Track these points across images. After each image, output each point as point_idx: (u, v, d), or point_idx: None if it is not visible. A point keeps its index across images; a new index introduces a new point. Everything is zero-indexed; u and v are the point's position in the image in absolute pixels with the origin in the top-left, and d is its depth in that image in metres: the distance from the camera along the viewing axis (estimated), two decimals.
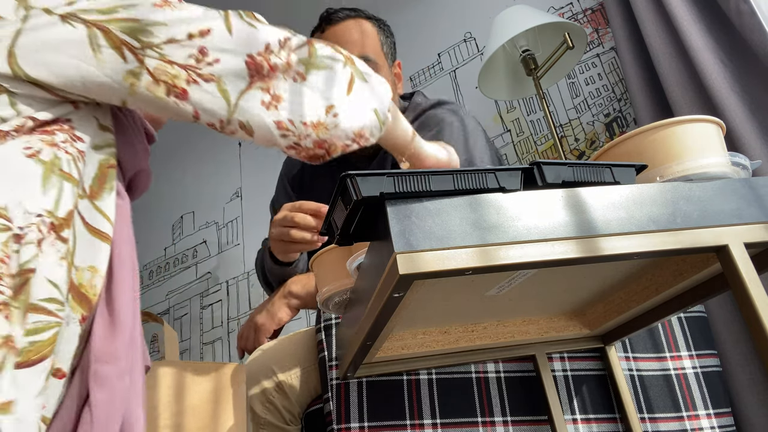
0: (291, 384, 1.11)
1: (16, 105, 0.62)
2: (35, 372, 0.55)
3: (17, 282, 0.55)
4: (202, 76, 0.65)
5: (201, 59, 0.65)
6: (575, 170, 0.66)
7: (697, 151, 0.72)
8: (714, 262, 0.77)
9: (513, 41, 1.73)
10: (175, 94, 0.65)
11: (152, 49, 0.63)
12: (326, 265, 0.86)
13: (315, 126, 0.69)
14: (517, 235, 0.60)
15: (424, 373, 1.02)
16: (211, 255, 2.82)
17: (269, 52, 0.68)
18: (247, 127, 0.68)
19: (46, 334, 0.56)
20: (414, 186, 0.59)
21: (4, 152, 0.59)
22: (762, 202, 0.68)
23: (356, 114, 0.71)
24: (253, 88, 0.67)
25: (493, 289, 0.81)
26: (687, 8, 1.51)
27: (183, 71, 0.64)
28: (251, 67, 0.66)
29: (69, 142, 0.64)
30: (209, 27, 0.65)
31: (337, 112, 0.70)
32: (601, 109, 1.94)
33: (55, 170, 0.61)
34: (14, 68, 0.61)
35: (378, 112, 0.74)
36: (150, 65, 0.63)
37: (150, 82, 0.64)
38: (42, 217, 0.58)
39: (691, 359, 1.11)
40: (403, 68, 2.48)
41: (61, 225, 0.60)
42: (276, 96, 0.68)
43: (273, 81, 0.68)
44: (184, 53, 0.64)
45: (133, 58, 0.63)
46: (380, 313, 0.66)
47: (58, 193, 0.60)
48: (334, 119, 0.70)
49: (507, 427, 1.00)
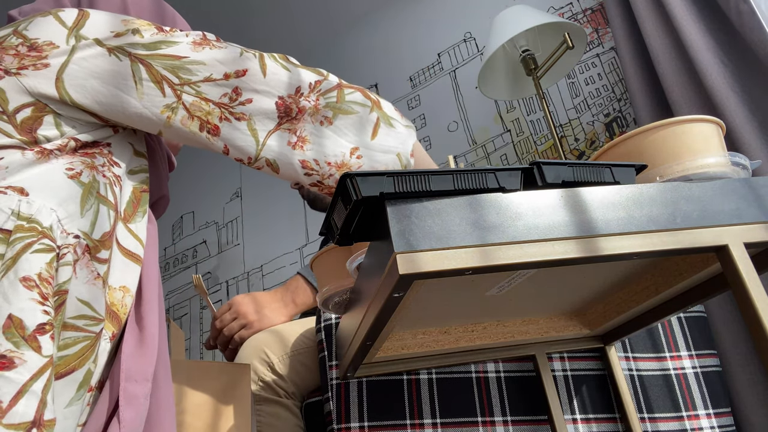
0: (284, 366, 1.12)
1: (61, 126, 0.64)
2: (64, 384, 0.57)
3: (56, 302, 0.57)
4: (234, 114, 0.68)
5: (235, 98, 0.68)
6: (575, 170, 0.66)
7: (697, 151, 0.72)
8: (714, 262, 0.77)
9: (513, 41, 1.73)
10: (208, 129, 0.68)
11: (190, 86, 0.67)
12: (326, 265, 0.86)
13: (339, 166, 0.71)
14: (517, 235, 0.60)
15: (424, 373, 1.02)
16: (211, 255, 2.82)
17: (299, 95, 0.70)
18: (274, 165, 0.71)
19: (74, 349, 0.58)
20: (414, 186, 0.59)
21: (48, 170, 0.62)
22: (762, 202, 0.68)
23: (380, 158, 0.73)
24: (280, 129, 0.70)
25: (493, 289, 0.81)
26: (687, 8, 1.51)
27: (217, 108, 0.67)
28: (281, 108, 0.69)
29: (107, 166, 0.67)
30: (245, 68, 0.68)
31: (361, 154, 0.72)
32: (601, 109, 1.94)
33: (93, 192, 0.63)
34: (61, 92, 0.64)
35: (401, 156, 0.75)
36: (186, 101, 0.67)
37: (185, 117, 0.67)
38: (79, 239, 0.60)
39: (691, 359, 1.11)
40: (403, 68, 2.48)
41: (97, 247, 0.62)
42: (302, 138, 0.70)
43: (299, 123, 0.70)
44: (220, 92, 0.67)
45: (172, 93, 0.66)
46: (380, 313, 0.66)
47: (95, 216, 0.63)
48: (357, 161, 0.72)
49: (507, 426, 1.00)
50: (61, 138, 0.64)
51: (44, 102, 0.64)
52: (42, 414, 0.51)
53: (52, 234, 0.58)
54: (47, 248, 0.57)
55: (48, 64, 0.64)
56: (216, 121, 0.68)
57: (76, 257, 0.59)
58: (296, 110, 0.70)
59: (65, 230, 0.59)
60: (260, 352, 1.13)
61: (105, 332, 0.61)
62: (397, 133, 0.75)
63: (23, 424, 0.50)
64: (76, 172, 0.63)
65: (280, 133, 0.69)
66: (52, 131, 0.64)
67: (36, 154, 0.61)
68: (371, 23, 2.61)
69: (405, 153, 0.76)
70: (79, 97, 0.64)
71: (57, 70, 0.64)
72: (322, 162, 0.70)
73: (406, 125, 0.77)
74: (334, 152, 0.71)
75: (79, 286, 0.59)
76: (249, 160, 0.71)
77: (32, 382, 0.51)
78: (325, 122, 0.71)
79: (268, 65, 0.70)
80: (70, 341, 0.57)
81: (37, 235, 0.56)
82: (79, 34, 0.66)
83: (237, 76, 0.68)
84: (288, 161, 0.70)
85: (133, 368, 0.61)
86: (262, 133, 0.69)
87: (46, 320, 0.54)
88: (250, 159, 0.70)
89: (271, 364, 1.13)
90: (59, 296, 0.57)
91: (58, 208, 0.60)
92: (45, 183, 0.60)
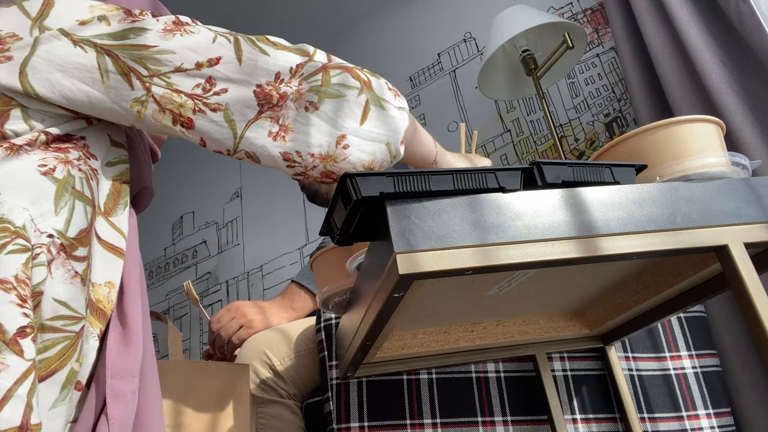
0: (285, 366, 1.12)
1: (29, 120, 0.62)
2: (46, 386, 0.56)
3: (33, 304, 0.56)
4: (209, 105, 0.64)
5: (208, 89, 0.64)
6: (575, 170, 0.66)
7: (697, 151, 0.72)
8: (714, 262, 0.77)
9: (513, 41, 1.73)
10: (182, 123, 0.65)
11: (159, 78, 0.63)
12: (326, 265, 0.86)
13: (323, 158, 0.67)
14: (517, 235, 0.60)
15: (424, 373, 1.02)
16: (210, 255, 2.82)
17: (279, 81, 0.66)
18: (254, 156, 0.67)
19: (54, 350, 0.56)
20: (414, 186, 0.59)
21: (19, 167, 0.59)
22: (762, 202, 0.68)
23: (367, 147, 0.69)
24: (261, 118, 0.66)
25: (493, 289, 0.81)
26: (687, 8, 1.51)
27: (190, 100, 0.64)
28: (260, 96, 0.65)
29: (83, 159, 0.64)
30: (218, 55, 0.65)
31: (347, 143, 0.68)
32: (601, 109, 1.94)
33: (68, 188, 0.61)
34: (25, 86, 0.61)
35: (390, 146, 0.71)
36: (157, 93, 0.63)
37: (156, 111, 0.64)
38: (53, 239, 0.58)
39: (691, 359, 1.11)
40: (403, 68, 2.48)
41: (73, 245, 0.60)
42: (284, 126, 0.66)
43: (282, 111, 0.66)
44: (192, 82, 0.64)
45: (141, 85, 0.63)
46: (380, 313, 0.66)
47: (70, 213, 0.60)
48: (343, 151, 0.68)
49: (507, 426, 1.00)
50: (30, 132, 0.61)
51: (10, 95, 0.61)
52: (28, 418, 0.51)
53: (26, 234, 0.56)
54: (22, 248, 0.55)
55: (11, 57, 0.61)
56: (189, 113, 0.64)
57: (51, 257, 0.58)
58: (277, 97, 0.66)
59: (38, 229, 0.58)
60: (261, 353, 1.13)
61: (92, 329, 0.60)
62: (388, 117, 0.71)
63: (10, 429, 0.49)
64: (49, 168, 0.60)
65: (260, 122, 0.66)
66: (20, 125, 0.61)
67: (5, 150, 0.59)
68: (371, 23, 2.61)
69: (395, 142, 0.72)
70: (44, 91, 0.62)
71: (20, 63, 0.61)
72: (304, 154, 0.67)
73: (399, 107, 0.73)
74: (319, 142, 0.67)
75: (56, 286, 0.57)
76: (228, 152, 0.67)
77: (17, 387, 0.51)
78: (310, 108, 0.67)
79: (244, 51, 0.66)
80: (49, 343, 0.56)
81: (10, 235, 0.55)
82: (43, 25, 0.63)
83: (210, 64, 0.64)
84: (268, 153, 0.66)
85: (119, 365, 0.60)
86: (240, 125, 0.65)
87: (27, 323, 0.53)
88: (229, 151, 0.67)
89: (271, 365, 1.12)
90: (34, 298, 0.56)
91: (30, 207, 0.58)
92: (16, 181, 0.58)
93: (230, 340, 1.21)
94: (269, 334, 1.17)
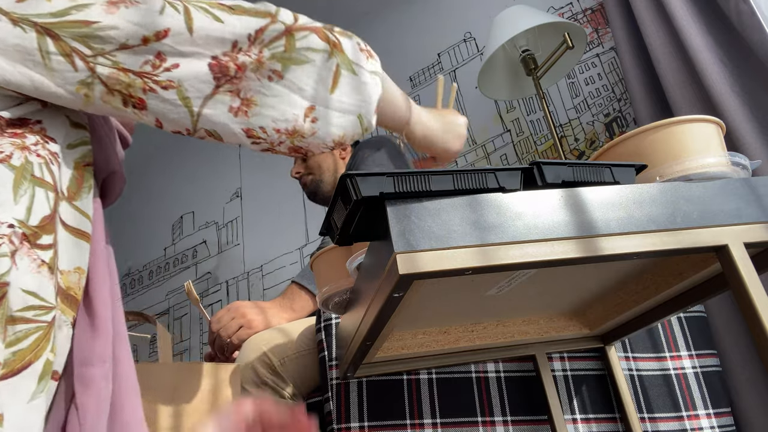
0: (285, 367, 1.12)
1: None
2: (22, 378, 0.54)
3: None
4: (160, 83, 0.59)
5: (158, 65, 0.59)
6: (575, 170, 0.66)
7: (697, 151, 0.72)
8: (714, 262, 0.77)
9: (513, 41, 1.73)
10: (133, 104, 0.59)
11: (104, 57, 0.58)
12: (326, 265, 0.86)
13: (289, 134, 0.63)
14: (517, 235, 0.60)
15: (424, 373, 1.02)
16: (210, 255, 2.82)
17: (237, 50, 0.61)
18: (215, 135, 0.62)
19: (27, 341, 0.55)
20: (414, 186, 0.59)
21: None
22: (762, 202, 0.68)
23: (338, 120, 0.65)
24: (219, 93, 0.60)
25: (493, 289, 0.81)
26: (687, 8, 1.51)
27: (138, 79, 0.58)
28: (215, 69, 0.60)
29: (41, 143, 0.60)
30: (166, 28, 0.59)
31: (316, 116, 0.63)
32: (601, 109, 1.94)
33: (27, 175, 0.57)
34: None
35: (362, 118, 0.67)
36: (102, 74, 0.58)
37: (104, 92, 0.59)
38: (14, 228, 0.55)
39: (691, 359, 1.11)
40: (403, 68, 2.48)
41: (36, 233, 0.57)
42: (246, 100, 0.61)
43: (242, 83, 0.61)
44: (139, 59, 0.59)
45: (84, 66, 0.58)
46: (380, 313, 0.66)
47: (30, 201, 0.57)
48: (312, 126, 0.63)
49: (507, 426, 1.00)
50: None
51: None
52: None
53: None
54: None
55: None
56: (140, 93, 0.58)
57: (14, 247, 0.55)
58: (234, 68, 0.60)
59: None
60: (261, 354, 1.13)
61: (65, 318, 0.58)
62: (361, 84, 0.66)
63: None
64: (5, 155, 0.57)
65: (218, 98, 0.60)
66: None
67: None
68: (371, 23, 2.61)
69: (367, 113, 0.67)
70: None
71: None
72: (269, 129, 0.62)
73: (372, 71, 0.68)
74: (284, 116, 0.62)
75: (23, 277, 0.55)
76: (187, 131, 0.62)
77: None
78: (273, 77, 0.61)
79: (195, 20, 0.60)
80: (22, 334, 0.54)
81: None
82: None
83: (158, 38, 0.58)
84: (230, 131, 0.61)
85: (87, 351, 0.58)
86: (196, 102, 0.60)
87: None
88: (188, 130, 0.62)
89: (271, 365, 1.12)
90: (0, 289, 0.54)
91: None
92: None
93: (230, 340, 1.21)
94: (269, 335, 1.17)
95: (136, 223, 3.12)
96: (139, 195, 3.16)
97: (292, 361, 1.13)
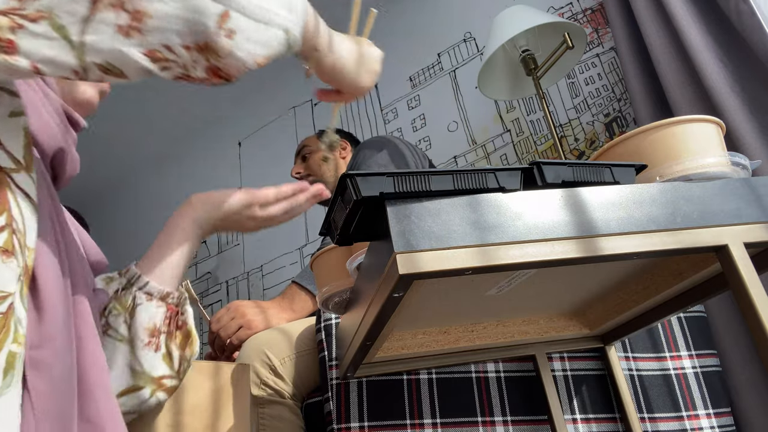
0: (285, 367, 1.12)
1: None
2: None
3: None
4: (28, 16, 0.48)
5: None
6: (575, 170, 0.67)
7: (697, 151, 0.72)
8: (714, 262, 0.77)
9: (513, 41, 1.73)
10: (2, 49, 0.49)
11: None
12: (326, 265, 0.86)
13: (201, 49, 0.51)
14: (517, 235, 0.60)
15: (424, 373, 1.02)
16: (210, 255, 2.82)
17: None
18: (113, 69, 0.51)
19: None
20: (414, 186, 0.59)
21: None
22: (762, 202, 0.68)
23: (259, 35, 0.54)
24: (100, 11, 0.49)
25: (493, 289, 0.81)
26: (687, 8, 1.51)
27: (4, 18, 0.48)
28: None
29: None
30: None
31: (232, 28, 0.52)
32: (601, 109, 1.94)
33: None
34: None
35: (290, 33, 0.56)
36: None
37: None
38: None
39: (691, 359, 1.11)
40: (403, 68, 2.48)
41: None
42: (137, 13, 0.49)
43: None
44: None
45: None
46: (380, 313, 0.66)
47: None
48: (228, 42, 0.52)
49: (507, 426, 1.00)
50: None
51: None
52: None
53: None
54: None
55: None
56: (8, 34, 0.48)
57: None
58: None
59: None
60: (261, 354, 1.13)
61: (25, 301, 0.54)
62: None
63: None
64: None
65: (100, 17, 0.49)
66: None
67: None
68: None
69: (295, 28, 0.57)
70: None
71: None
72: (176, 46, 0.50)
73: None
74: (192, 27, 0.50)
75: None
76: (76, 74, 0.51)
77: None
78: None
79: None
80: None
81: None
82: None
83: None
84: (127, 59, 0.50)
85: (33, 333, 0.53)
86: (73, 29, 0.48)
87: None
88: (77, 72, 0.50)
89: (271, 365, 1.12)
90: None
91: None
92: None
93: (230, 340, 1.21)
94: (269, 335, 1.17)
95: (137, 223, 3.12)
96: (139, 195, 3.16)
97: (292, 361, 1.13)
